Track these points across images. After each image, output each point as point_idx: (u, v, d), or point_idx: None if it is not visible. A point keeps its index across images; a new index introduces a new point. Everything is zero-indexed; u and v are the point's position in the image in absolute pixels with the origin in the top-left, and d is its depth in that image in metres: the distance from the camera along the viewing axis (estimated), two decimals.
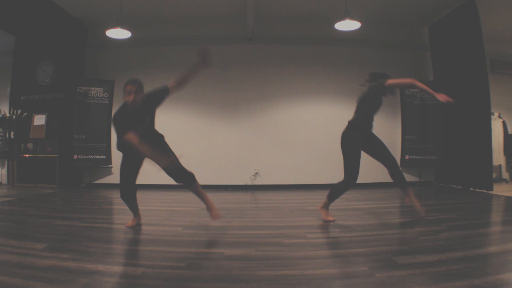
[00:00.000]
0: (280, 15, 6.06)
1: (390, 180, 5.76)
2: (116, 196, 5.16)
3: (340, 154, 3.07)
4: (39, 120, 6.08)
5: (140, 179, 6.46)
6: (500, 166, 6.64)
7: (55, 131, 6.02)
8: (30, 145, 6.15)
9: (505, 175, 6.70)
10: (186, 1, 5.57)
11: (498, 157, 6.48)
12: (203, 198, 2.96)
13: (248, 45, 6.23)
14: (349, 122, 3.09)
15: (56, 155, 5.87)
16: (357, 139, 3.01)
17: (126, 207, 3.53)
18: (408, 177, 6.30)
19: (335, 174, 6.29)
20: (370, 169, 6.29)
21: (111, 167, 6.13)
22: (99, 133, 6.04)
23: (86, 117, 5.98)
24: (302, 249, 2.29)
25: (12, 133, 6.19)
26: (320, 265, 1.94)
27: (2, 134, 6.34)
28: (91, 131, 5.99)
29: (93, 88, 6.06)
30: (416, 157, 6.14)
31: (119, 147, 2.72)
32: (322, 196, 5.28)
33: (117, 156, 6.18)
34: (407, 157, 6.16)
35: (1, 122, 6.31)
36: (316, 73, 6.27)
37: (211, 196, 3.04)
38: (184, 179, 2.86)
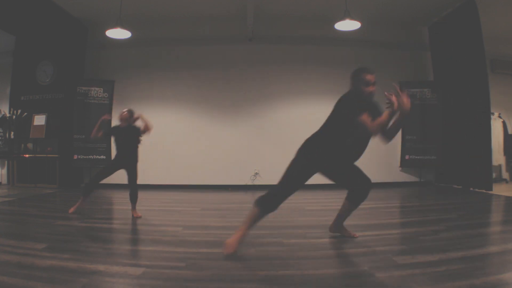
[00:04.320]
0: (280, 15, 6.06)
1: (390, 180, 5.76)
2: (116, 196, 5.16)
3: None
4: (39, 120, 6.08)
5: (140, 179, 6.46)
6: (500, 166, 6.64)
7: (55, 131, 6.01)
8: (30, 145, 6.15)
9: (505, 175, 6.69)
10: (186, 1, 5.57)
11: (498, 157, 6.48)
12: None
13: (248, 45, 6.23)
14: None
15: (56, 155, 5.87)
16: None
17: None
18: (408, 177, 6.30)
19: None
20: (370, 169, 6.32)
21: None
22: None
23: (86, 117, 5.98)
24: (302, 249, 2.29)
25: (12, 133, 6.19)
26: (320, 265, 1.94)
27: (2, 134, 6.33)
28: (91, 131, 5.98)
29: (93, 88, 6.06)
30: (416, 157, 6.14)
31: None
32: (322, 196, 5.30)
33: None
34: (407, 157, 6.16)
35: (1, 122, 6.31)
36: (316, 73, 6.27)
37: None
38: None
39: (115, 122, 6.22)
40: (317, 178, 6.48)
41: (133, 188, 3.49)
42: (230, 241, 2.18)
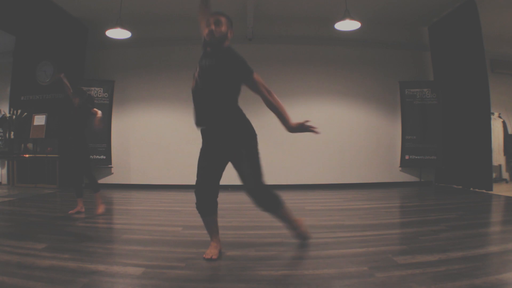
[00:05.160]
0: (280, 15, 6.06)
1: (390, 180, 5.74)
2: (116, 196, 5.17)
3: (341, 154, 3.06)
4: (39, 120, 6.08)
5: (140, 179, 6.38)
6: (500, 166, 6.63)
7: (55, 131, 6.01)
8: (30, 145, 6.15)
9: (505, 175, 6.69)
10: (186, 1, 5.57)
11: (498, 157, 6.48)
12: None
13: (248, 45, 6.22)
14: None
15: (56, 155, 5.87)
16: None
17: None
18: (408, 177, 6.30)
19: (335, 174, 6.33)
20: (370, 169, 6.32)
21: (111, 167, 6.12)
22: (99, 133, 6.04)
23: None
24: (302, 249, 2.29)
25: (12, 133, 6.19)
26: (320, 265, 1.94)
27: (2, 134, 6.33)
28: (91, 131, 5.99)
29: (93, 88, 6.06)
30: (416, 157, 6.14)
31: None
32: (322, 196, 5.31)
33: (117, 156, 6.23)
34: (407, 157, 6.17)
35: (1, 122, 6.31)
36: (316, 73, 6.27)
37: None
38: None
39: (115, 123, 6.27)
40: (317, 178, 6.45)
41: (87, 176, 3.52)
42: (209, 252, 2.08)
